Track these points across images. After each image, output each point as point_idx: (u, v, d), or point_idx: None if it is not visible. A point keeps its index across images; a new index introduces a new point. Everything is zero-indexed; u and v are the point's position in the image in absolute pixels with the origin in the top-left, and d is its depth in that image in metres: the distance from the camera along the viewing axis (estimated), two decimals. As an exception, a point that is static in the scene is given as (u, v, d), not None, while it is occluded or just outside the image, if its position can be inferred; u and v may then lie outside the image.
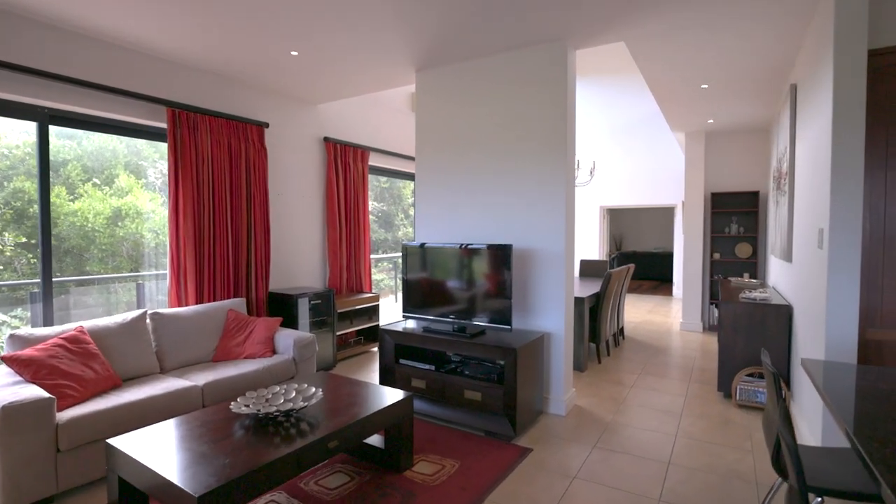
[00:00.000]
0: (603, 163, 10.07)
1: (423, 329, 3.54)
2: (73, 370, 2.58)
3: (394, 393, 2.66)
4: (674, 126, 5.99)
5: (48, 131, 3.20)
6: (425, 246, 3.62)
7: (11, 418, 2.16)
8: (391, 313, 6.85)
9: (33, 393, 2.28)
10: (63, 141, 3.64)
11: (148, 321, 3.24)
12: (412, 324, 3.78)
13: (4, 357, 2.51)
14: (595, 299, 4.80)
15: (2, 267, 3.27)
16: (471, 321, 3.38)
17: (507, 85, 3.59)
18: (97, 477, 2.46)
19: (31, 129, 3.19)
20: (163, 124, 3.72)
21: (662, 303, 8.89)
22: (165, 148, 3.83)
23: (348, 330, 4.97)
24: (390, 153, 5.86)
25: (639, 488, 2.49)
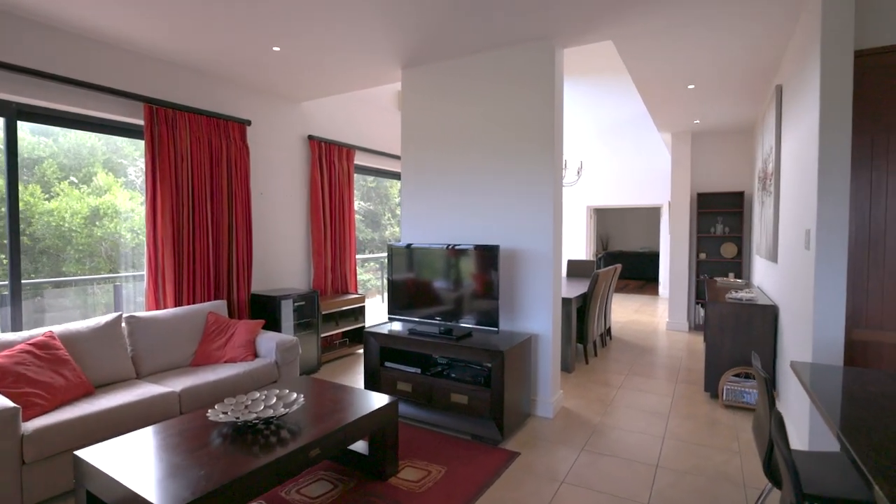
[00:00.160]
0: (590, 163, 10.09)
1: (409, 331, 3.48)
2: (42, 377, 2.47)
3: (378, 398, 2.59)
4: (660, 126, 6.00)
5: (16, 127, 3.07)
6: (411, 246, 3.55)
7: (-27, 429, 2.05)
8: (378, 314, 6.77)
9: (-3, 402, 2.17)
10: (38, 138, 3.51)
11: (123, 325, 3.13)
12: (398, 326, 3.71)
13: (-32, 364, 2.39)
14: (582, 300, 4.78)
15: (-32, 269, 3.14)
16: (457, 323, 3.33)
17: (495, 83, 3.54)
18: (65, 490, 2.35)
19: (-1, 125, 3.06)
20: (140, 121, 3.60)
21: (649, 302, 8.93)
22: (143, 145, 3.71)
23: (333, 332, 4.88)
24: (377, 152, 5.77)
25: (627, 492, 2.46)
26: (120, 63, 3.46)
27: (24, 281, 3.15)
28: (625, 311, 7.95)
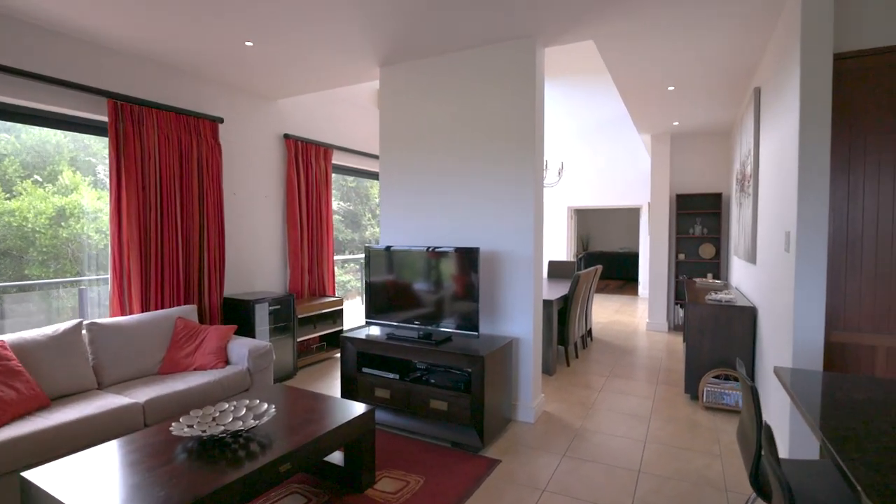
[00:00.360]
0: (571, 163, 10.12)
1: (388, 336, 3.38)
2: (-9, 390, 2.30)
3: (354, 406, 2.50)
4: (641, 128, 6.02)
5: (-33, 123, 2.88)
6: (390, 249, 3.46)
7: (-90, 449, 1.89)
8: (358, 316, 6.65)
9: (-61, 419, 2.01)
10: (-3, 134, 3.32)
11: (84, 332, 2.96)
12: (376, 330, 3.62)
13: None
14: (563, 301, 4.75)
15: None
16: (437, 327, 3.25)
17: (475, 82, 3.47)
18: (17, 511, 2.20)
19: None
20: (104, 117, 3.43)
21: (629, 302, 8.99)
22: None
23: (311, 336, 4.75)
24: (355, 152, 5.66)
25: (609, 499, 2.41)
26: (81, 56, 3.28)
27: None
28: (605, 312, 7.97)
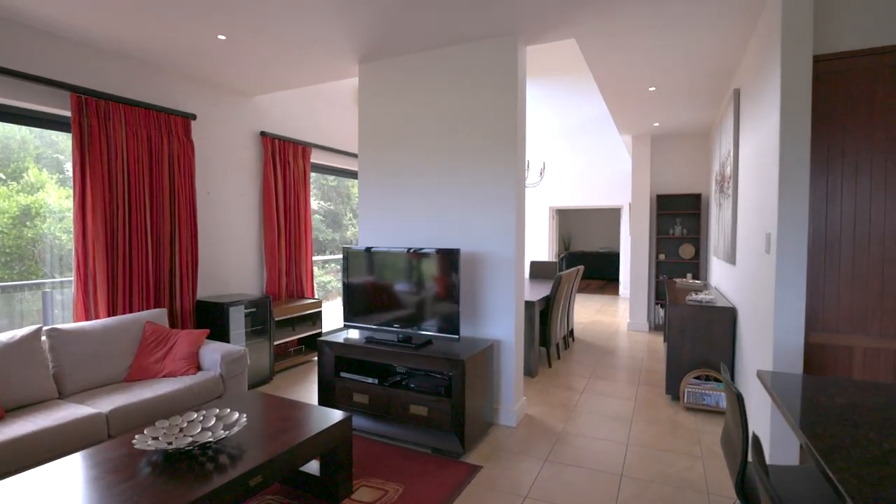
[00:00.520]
0: (553, 163, 10.14)
1: (366, 339, 3.30)
2: (-61, 402, 2.15)
3: (331, 414, 2.41)
4: (622, 128, 6.04)
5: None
6: (368, 250, 3.38)
7: None
8: (339, 317, 6.52)
9: None
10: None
11: (44, 339, 2.81)
12: (355, 333, 3.53)
13: None
14: (545, 302, 4.72)
15: None
16: (417, 330, 3.17)
17: (456, 80, 3.41)
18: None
19: None
20: (68, 112, 3.26)
21: (610, 302, 9.04)
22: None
23: (288, 339, 4.63)
24: (335, 150, 5.54)
25: (592, 506, 2.38)
26: (42, 48, 3.12)
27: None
28: (587, 312, 8.00)
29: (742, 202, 3.52)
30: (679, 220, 6.35)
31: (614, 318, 7.41)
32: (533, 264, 6.58)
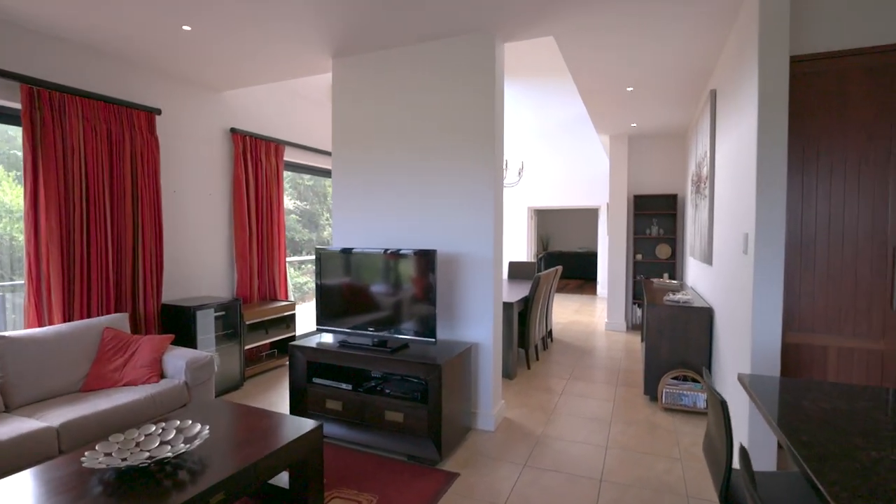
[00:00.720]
0: (531, 164, 10.14)
1: (340, 343, 3.19)
2: None
3: (300, 423, 2.30)
4: (600, 129, 6.05)
5: None
6: (342, 251, 3.26)
7: None
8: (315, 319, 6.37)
9: None
10: None
11: (-10, 347, 2.62)
12: (328, 338, 3.41)
13: None
14: (524, 303, 4.67)
15: None
16: (392, 334, 3.08)
17: (433, 77, 3.32)
18: None
19: None
20: (18, 104, 3.06)
21: (588, 302, 9.09)
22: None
23: (261, 342, 4.47)
24: (310, 148, 5.39)
25: (571, 512, 2.32)
26: (-11, 35, 2.92)
27: None
28: (565, 312, 8.01)
29: (718, 202, 3.53)
30: (656, 221, 6.39)
31: (592, 318, 7.44)
32: (511, 265, 6.54)
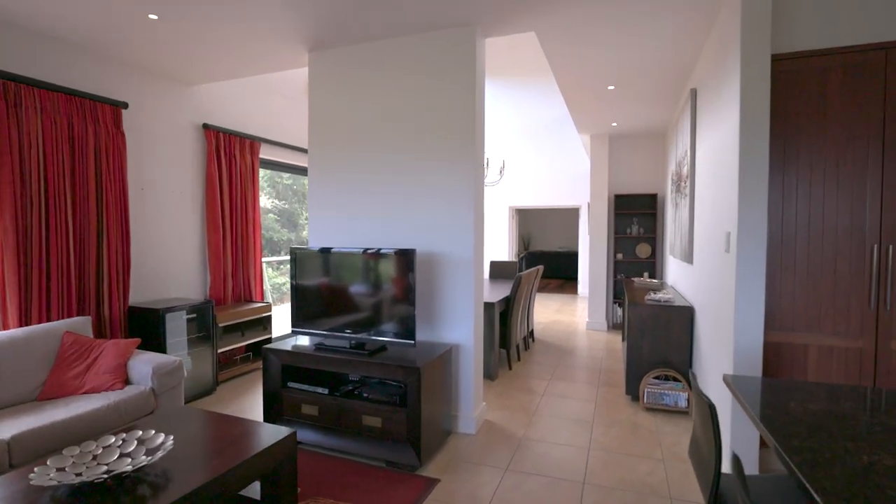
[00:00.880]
0: (513, 163, 10.13)
1: (316, 346, 3.08)
2: None
3: (272, 431, 2.19)
4: (581, 128, 6.04)
5: None
6: (319, 251, 3.16)
7: None
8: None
9: None
10: None
11: (-64, 354, 2.44)
12: (304, 340, 3.30)
13: None
14: (505, 303, 4.62)
15: None
16: (370, 336, 2.98)
17: (412, 72, 3.24)
18: None
19: None
20: (-31, 96, 2.88)
21: (569, 302, 9.10)
22: None
23: (235, 345, 4.32)
24: (287, 146, 5.25)
25: (554, 518, 2.27)
26: (-64, 20, 2.73)
27: None
28: (546, 312, 8.00)
29: (699, 201, 3.53)
30: (636, 220, 6.42)
31: (573, 318, 7.44)
32: (493, 264, 6.50)
